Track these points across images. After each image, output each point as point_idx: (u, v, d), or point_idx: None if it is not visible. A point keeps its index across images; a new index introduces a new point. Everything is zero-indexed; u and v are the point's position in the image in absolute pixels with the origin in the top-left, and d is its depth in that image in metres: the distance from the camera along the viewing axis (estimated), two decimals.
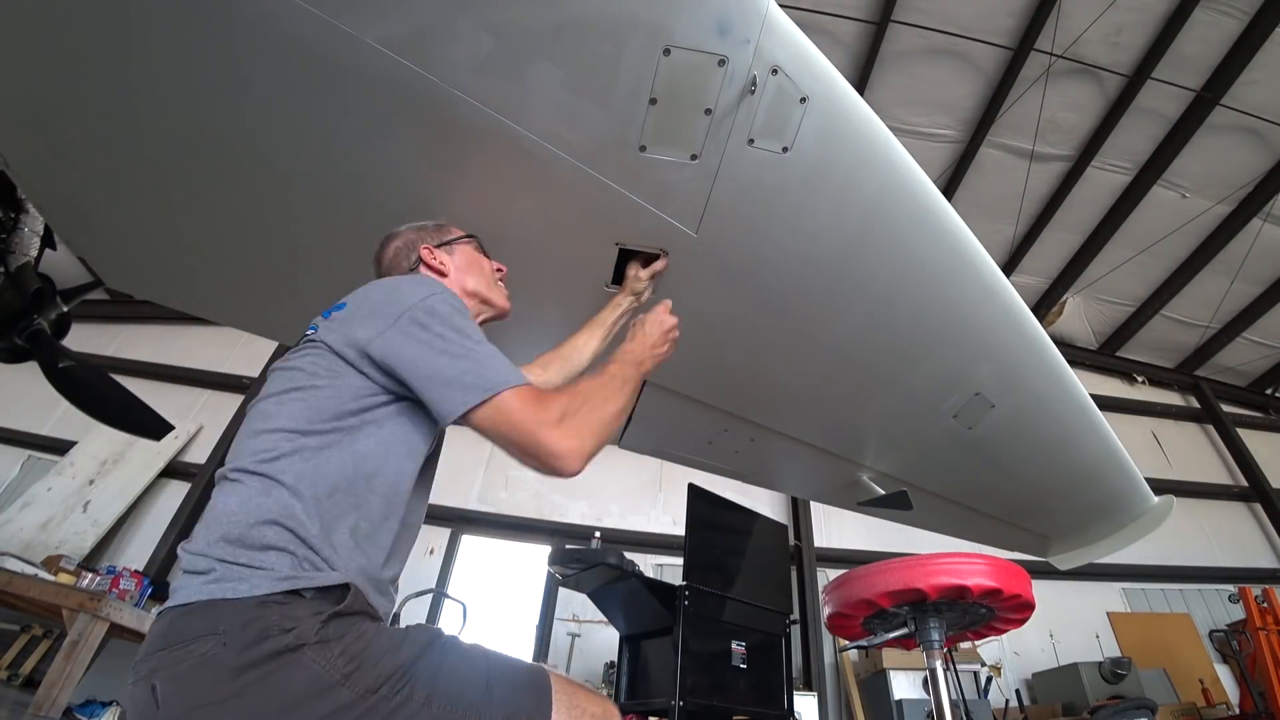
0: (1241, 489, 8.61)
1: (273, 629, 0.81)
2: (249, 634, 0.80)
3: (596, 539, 3.86)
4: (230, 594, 0.83)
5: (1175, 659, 6.28)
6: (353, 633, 0.86)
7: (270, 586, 0.84)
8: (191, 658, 0.79)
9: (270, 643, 0.80)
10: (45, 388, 2.34)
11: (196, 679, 0.78)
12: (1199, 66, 6.42)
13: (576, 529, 6.88)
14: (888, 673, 5.33)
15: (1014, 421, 2.12)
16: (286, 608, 0.83)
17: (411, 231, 1.40)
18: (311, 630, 0.82)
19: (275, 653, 0.80)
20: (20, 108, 1.49)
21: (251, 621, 0.81)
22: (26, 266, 2.19)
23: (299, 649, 0.81)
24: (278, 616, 0.82)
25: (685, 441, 2.57)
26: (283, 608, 0.83)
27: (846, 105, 1.35)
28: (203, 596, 0.83)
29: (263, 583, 0.84)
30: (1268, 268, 8.08)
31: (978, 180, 7.51)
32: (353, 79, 1.27)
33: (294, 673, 0.80)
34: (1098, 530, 2.60)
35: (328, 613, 0.85)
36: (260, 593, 0.83)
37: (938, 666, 1.95)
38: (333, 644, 0.83)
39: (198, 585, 0.85)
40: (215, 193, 1.67)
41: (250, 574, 0.85)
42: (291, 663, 0.80)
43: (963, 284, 1.71)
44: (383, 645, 0.87)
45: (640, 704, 3.25)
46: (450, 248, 1.39)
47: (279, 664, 0.80)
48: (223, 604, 0.82)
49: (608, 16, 1.18)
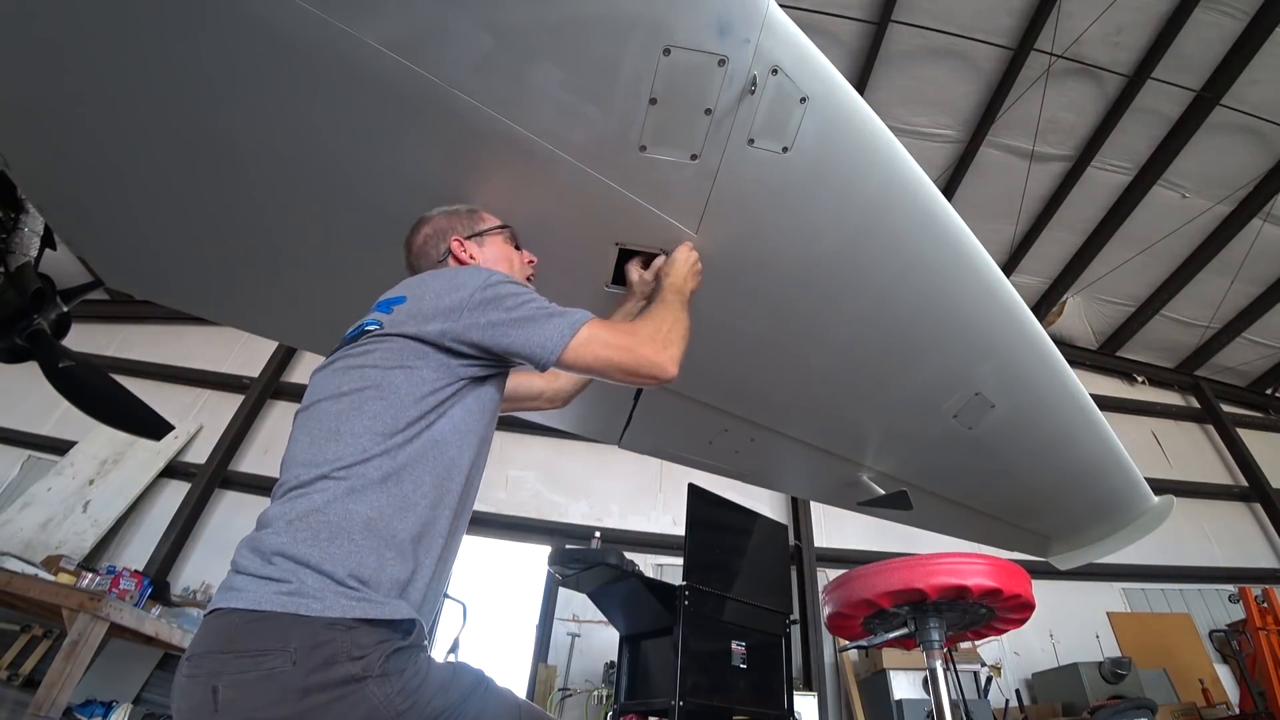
0: (1241, 489, 8.61)
1: (341, 655, 0.82)
2: (318, 657, 0.81)
3: (596, 539, 3.87)
4: (304, 610, 0.83)
5: (1175, 659, 6.28)
6: (412, 668, 0.88)
7: (344, 610, 0.84)
8: (260, 669, 0.79)
9: (338, 669, 0.81)
10: (45, 388, 2.34)
11: (262, 692, 0.78)
12: (1199, 66, 6.42)
13: (576, 529, 6.88)
14: (888, 673, 5.33)
15: (1014, 421, 2.12)
16: (355, 633, 0.84)
17: (443, 217, 1.39)
18: (377, 662, 0.83)
19: (342, 680, 0.81)
20: (20, 108, 1.49)
21: (323, 644, 0.82)
22: (26, 266, 2.19)
23: (364, 680, 0.82)
24: (346, 643, 0.83)
25: (685, 441, 2.57)
26: (351, 633, 0.84)
27: (846, 105, 1.35)
28: (275, 607, 0.83)
29: (337, 604, 0.84)
30: (1268, 268, 8.07)
31: (978, 180, 7.51)
32: (353, 79, 1.26)
33: (356, 704, 0.81)
34: (1098, 530, 2.60)
35: (393, 646, 0.87)
36: (333, 615, 0.84)
37: (938, 666, 1.95)
38: (393, 678, 0.84)
39: (271, 593, 0.84)
40: (215, 193, 1.67)
41: (326, 591, 0.85)
42: (355, 693, 0.81)
43: (963, 284, 1.71)
44: (435, 684, 0.89)
45: (640, 704, 3.25)
46: (481, 239, 1.38)
47: (343, 693, 0.81)
48: (294, 619, 0.82)
49: (608, 16, 1.18)
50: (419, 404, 1.02)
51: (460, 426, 1.07)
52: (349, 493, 0.92)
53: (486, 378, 1.15)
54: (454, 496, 1.03)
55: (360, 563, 0.88)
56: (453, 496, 1.03)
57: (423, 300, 1.12)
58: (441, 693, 0.89)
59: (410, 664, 0.88)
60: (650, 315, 1.32)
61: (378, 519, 0.92)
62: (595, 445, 6.90)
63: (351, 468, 0.94)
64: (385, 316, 1.12)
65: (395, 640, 0.87)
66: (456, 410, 1.07)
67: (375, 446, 0.97)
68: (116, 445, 6.80)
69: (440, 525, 1.00)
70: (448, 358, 1.08)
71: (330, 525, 0.90)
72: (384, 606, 0.88)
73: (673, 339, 1.27)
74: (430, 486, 0.99)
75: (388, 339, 1.08)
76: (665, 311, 1.34)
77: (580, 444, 7.17)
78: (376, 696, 0.82)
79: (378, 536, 0.91)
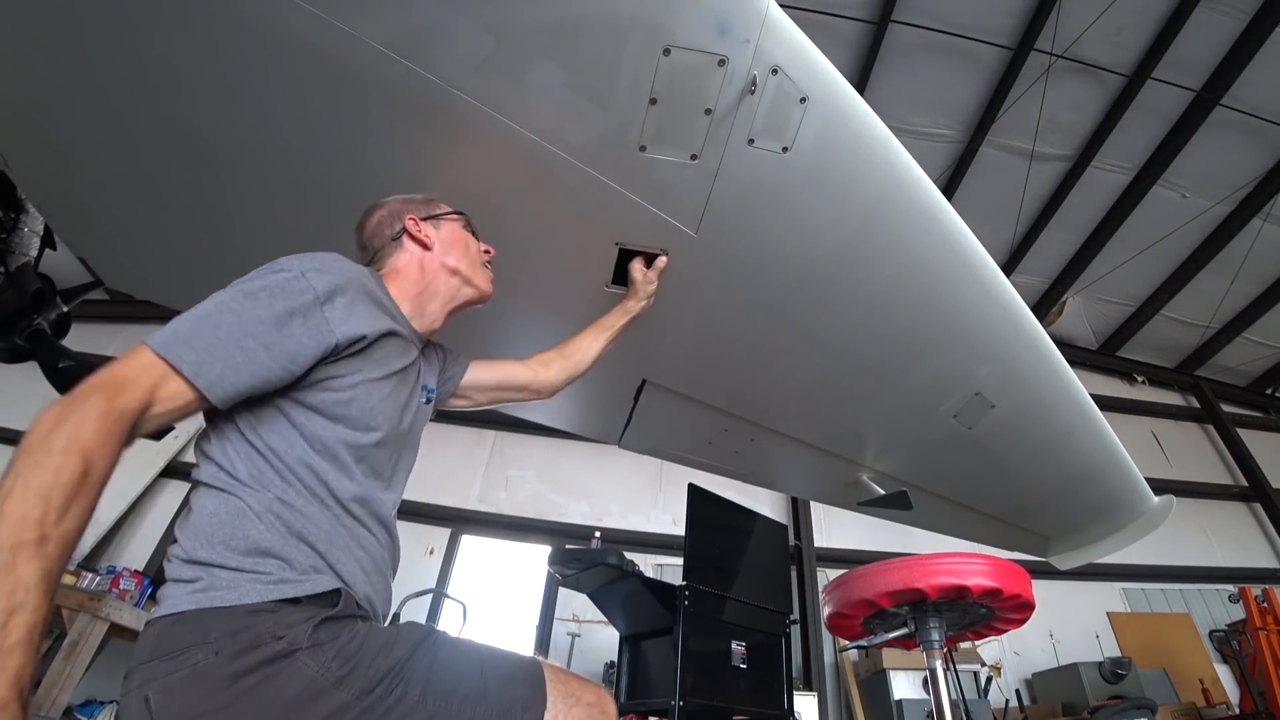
0: (1241, 489, 8.61)
1: (265, 637, 0.80)
2: (241, 642, 0.79)
3: (596, 539, 3.86)
4: (219, 602, 0.82)
5: (1175, 659, 6.28)
6: (345, 634, 0.86)
7: (261, 595, 0.83)
8: (184, 668, 0.78)
9: (263, 649, 0.79)
10: (45, 388, 2.33)
11: (190, 689, 0.77)
12: (1199, 66, 6.42)
13: (576, 529, 6.88)
14: (888, 673, 5.33)
15: (1014, 421, 2.12)
16: (278, 615, 0.83)
17: (398, 202, 1.32)
18: (304, 635, 0.82)
19: (269, 659, 0.79)
20: (20, 108, 1.49)
21: (243, 629, 0.80)
22: (26, 266, 2.19)
23: (293, 654, 0.80)
24: (270, 624, 0.81)
25: (685, 441, 2.57)
26: (274, 615, 0.82)
27: (846, 105, 1.35)
28: (192, 605, 0.82)
29: (253, 590, 0.83)
30: (1268, 268, 8.07)
31: (978, 180, 7.51)
32: (353, 79, 1.27)
33: (289, 678, 0.79)
34: (1098, 530, 2.60)
35: (320, 617, 0.85)
36: (250, 600, 0.82)
37: (938, 666, 1.95)
38: (326, 647, 0.83)
39: (186, 594, 0.83)
40: (215, 193, 1.67)
41: (239, 580, 0.84)
42: (286, 668, 0.80)
43: (963, 284, 1.71)
44: (375, 645, 0.87)
45: (640, 704, 3.25)
46: (437, 222, 1.31)
47: (273, 670, 0.79)
48: (212, 613, 0.81)
49: (608, 16, 1.18)
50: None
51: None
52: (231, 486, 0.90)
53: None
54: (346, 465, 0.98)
55: (268, 546, 0.87)
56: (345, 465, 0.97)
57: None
58: (385, 652, 0.86)
59: (344, 631, 0.86)
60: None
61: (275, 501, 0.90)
62: (595, 445, 6.90)
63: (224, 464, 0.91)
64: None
65: (322, 612, 0.86)
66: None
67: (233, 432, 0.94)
68: None
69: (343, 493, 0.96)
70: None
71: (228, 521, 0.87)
72: (302, 584, 0.87)
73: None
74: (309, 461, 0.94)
75: None
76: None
77: (580, 444, 7.17)
78: (311, 667, 0.81)
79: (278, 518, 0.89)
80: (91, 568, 4.69)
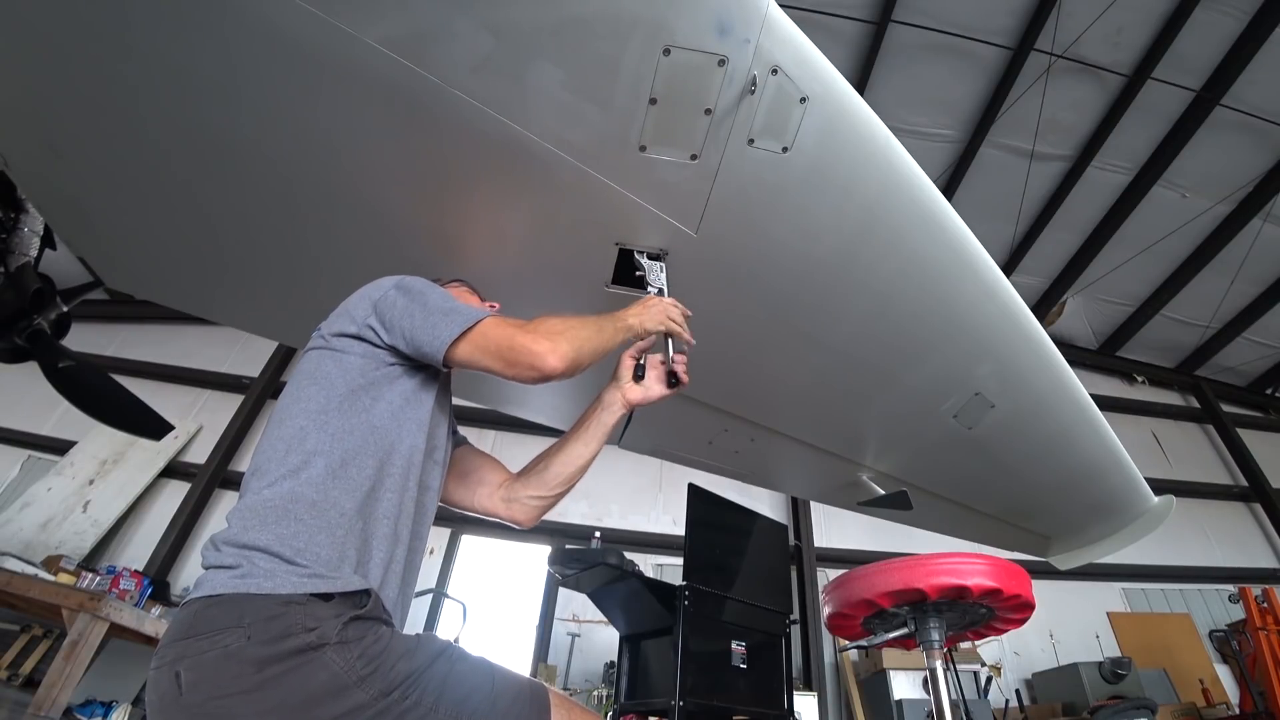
0: (1241, 489, 8.61)
1: (296, 628, 0.84)
2: (273, 629, 0.83)
3: (596, 539, 3.86)
4: (256, 589, 0.86)
5: (1175, 659, 6.28)
6: (371, 635, 0.90)
7: (295, 586, 0.87)
8: (216, 648, 0.81)
9: (293, 639, 0.83)
10: (45, 388, 2.34)
11: (221, 669, 0.81)
12: (1199, 66, 6.42)
13: (576, 529, 6.88)
14: (888, 673, 5.33)
15: (1014, 421, 2.12)
16: (309, 607, 0.86)
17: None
18: (333, 631, 0.86)
19: (298, 650, 0.83)
20: (20, 108, 1.49)
21: (276, 617, 0.84)
22: (26, 266, 2.19)
23: (321, 648, 0.84)
24: (301, 615, 0.85)
25: (685, 441, 2.57)
26: (305, 608, 0.86)
27: (846, 105, 1.35)
28: (229, 589, 0.86)
29: (288, 581, 0.87)
30: (1268, 268, 8.07)
31: (978, 180, 7.51)
32: (353, 79, 1.27)
33: (315, 671, 0.83)
34: (1098, 530, 2.60)
35: (349, 615, 0.89)
36: (285, 591, 0.86)
37: (938, 666, 1.95)
38: (352, 645, 0.86)
39: (225, 578, 0.88)
40: (215, 193, 1.67)
41: (277, 570, 0.88)
42: (313, 661, 0.83)
43: (963, 284, 1.71)
44: (398, 651, 0.91)
45: (640, 704, 3.25)
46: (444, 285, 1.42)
47: (301, 661, 0.82)
48: (247, 598, 0.85)
49: (608, 16, 1.18)
50: (348, 383, 1.08)
51: (398, 413, 1.11)
52: (290, 476, 0.97)
53: (416, 372, 1.17)
54: (397, 479, 1.06)
55: (309, 540, 0.92)
56: (395, 480, 1.06)
57: (350, 301, 1.21)
58: (406, 658, 0.90)
59: (370, 632, 0.90)
60: (562, 317, 1.19)
61: (321, 500, 0.96)
62: None
63: (291, 452, 0.99)
64: (324, 322, 1.20)
65: (350, 610, 0.90)
66: (391, 395, 1.11)
67: (310, 424, 1.02)
68: (116, 445, 6.79)
69: (386, 506, 1.03)
70: (371, 347, 1.13)
71: (275, 509, 0.93)
72: (335, 580, 0.91)
73: (568, 338, 1.14)
74: (372, 469, 1.03)
75: (323, 338, 1.16)
76: (582, 320, 1.22)
77: None
78: (337, 663, 0.84)
79: (323, 516, 0.95)
80: (91, 568, 4.69)
